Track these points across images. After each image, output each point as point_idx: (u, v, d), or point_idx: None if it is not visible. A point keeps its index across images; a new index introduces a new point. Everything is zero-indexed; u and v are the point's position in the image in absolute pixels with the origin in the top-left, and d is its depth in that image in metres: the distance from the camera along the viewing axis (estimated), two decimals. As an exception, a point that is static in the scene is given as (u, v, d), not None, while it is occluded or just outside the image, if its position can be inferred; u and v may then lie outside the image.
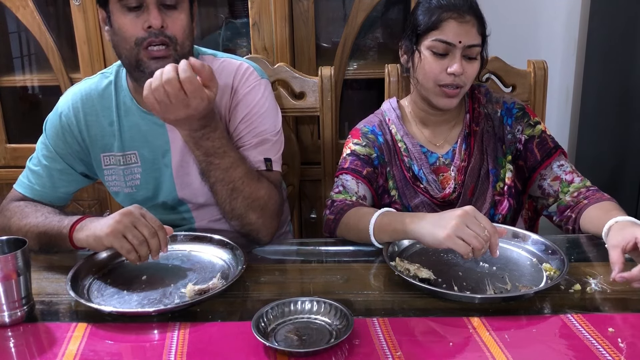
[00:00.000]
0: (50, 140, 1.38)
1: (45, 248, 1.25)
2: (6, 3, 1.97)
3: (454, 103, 1.37)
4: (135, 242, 1.10)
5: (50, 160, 1.38)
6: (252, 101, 1.34)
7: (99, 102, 1.37)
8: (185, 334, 0.98)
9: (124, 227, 1.10)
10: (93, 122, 1.37)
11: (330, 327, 0.97)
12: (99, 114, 1.37)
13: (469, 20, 1.31)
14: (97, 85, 1.39)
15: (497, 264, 1.18)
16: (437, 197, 1.41)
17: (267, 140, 1.34)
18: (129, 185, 1.40)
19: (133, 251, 1.11)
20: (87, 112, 1.37)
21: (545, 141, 1.41)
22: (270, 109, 1.37)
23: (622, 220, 1.15)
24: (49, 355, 0.93)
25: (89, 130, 1.38)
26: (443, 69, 1.32)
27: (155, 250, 1.12)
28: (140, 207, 1.15)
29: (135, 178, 1.40)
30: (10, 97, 2.20)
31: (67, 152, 1.38)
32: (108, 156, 1.39)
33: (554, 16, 2.35)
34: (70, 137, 1.38)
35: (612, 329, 0.96)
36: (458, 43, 1.31)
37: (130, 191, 1.41)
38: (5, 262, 0.99)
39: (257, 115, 1.34)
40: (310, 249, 1.31)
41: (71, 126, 1.37)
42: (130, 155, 1.38)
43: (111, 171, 1.41)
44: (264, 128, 1.34)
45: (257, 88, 1.36)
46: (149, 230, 1.11)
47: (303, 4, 1.95)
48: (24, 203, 1.35)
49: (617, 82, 2.12)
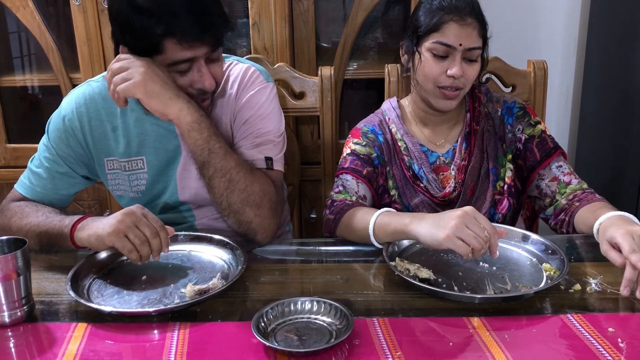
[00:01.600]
0: (53, 143, 1.37)
1: (45, 248, 1.25)
2: (6, 3, 1.97)
3: (453, 105, 1.37)
4: (136, 242, 1.10)
5: (52, 162, 1.37)
6: (256, 104, 1.35)
7: (103, 107, 1.36)
8: (185, 334, 0.98)
9: (125, 226, 1.10)
10: (97, 126, 1.37)
11: (330, 327, 0.97)
12: (103, 119, 1.36)
13: (470, 23, 1.31)
14: (100, 89, 1.37)
15: (497, 264, 1.18)
16: (437, 197, 1.41)
17: (269, 141, 1.35)
18: (134, 190, 1.40)
19: (134, 251, 1.11)
20: (91, 116, 1.36)
21: (545, 141, 1.42)
22: (274, 112, 1.38)
23: (604, 220, 1.17)
24: (49, 355, 0.93)
25: (93, 135, 1.37)
26: (443, 71, 1.32)
27: (156, 250, 1.12)
28: (142, 207, 1.15)
29: (141, 184, 1.39)
30: (10, 97, 2.20)
31: (70, 155, 1.37)
32: (111, 161, 1.39)
33: (554, 16, 2.35)
34: (73, 141, 1.37)
35: (612, 329, 0.96)
36: (458, 46, 1.31)
37: (135, 196, 1.40)
38: (5, 262, 0.99)
39: (261, 117, 1.35)
40: (310, 249, 1.31)
41: (75, 130, 1.36)
42: (136, 161, 1.38)
43: (115, 175, 1.40)
44: (267, 130, 1.35)
45: (262, 91, 1.37)
46: (150, 230, 1.11)
47: (303, 4, 1.95)
48: (24, 203, 1.35)
49: (617, 82, 2.12)
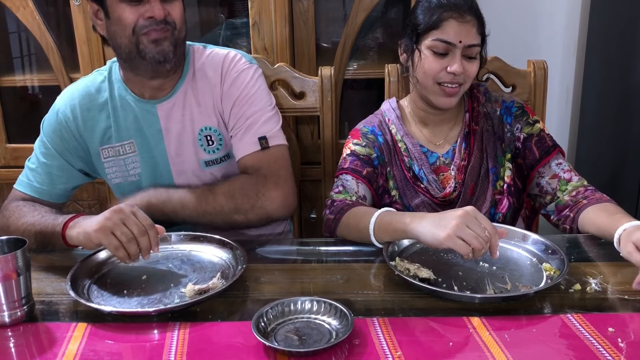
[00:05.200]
0: (47, 137, 1.40)
1: (41, 247, 1.26)
2: (6, 3, 1.97)
3: (453, 102, 1.37)
4: (123, 239, 1.09)
5: (48, 157, 1.40)
6: (240, 84, 1.38)
7: (95, 97, 1.41)
8: (185, 334, 0.97)
9: (113, 224, 1.10)
10: (90, 117, 1.40)
11: (330, 327, 0.97)
12: (96, 109, 1.41)
13: (470, 20, 1.31)
14: (92, 81, 1.43)
15: (497, 264, 1.18)
16: (437, 197, 1.41)
17: (259, 119, 1.38)
18: (131, 174, 1.43)
19: (121, 248, 1.10)
20: (84, 107, 1.40)
21: (544, 139, 1.42)
22: (260, 89, 1.40)
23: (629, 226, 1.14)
24: (49, 355, 0.93)
25: (86, 125, 1.40)
26: (443, 68, 1.33)
27: (145, 249, 1.11)
28: (132, 205, 1.15)
29: (137, 167, 1.42)
30: (10, 97, 2.20)
31: (65, 148, 1.40)
32: (107, 149, 1.42)
33: (554, 16, 2.35)
34: (67, 133, 1.40)
35: (612, 329, 0.96)
36: (458, 43, 1.31)
37: (135, 179, 1.43)
38: (5, 262, 0.99)
39: (247, 97, 1.38)
40: (310, 249, 1.31)
41: (68, 122, 1.40)
42: (127, 145, 1.41)
43: (111, 163, 1.43)
44: (256, 109, 1.38)
45: (245, 72, 1.40)
46: (138, 228, 1.10)
47: (303, 4, 1.95)
48: (22, 203, 1.36)
49: (617, 82, 2.12)
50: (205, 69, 1.40)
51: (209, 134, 1.41)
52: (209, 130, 1.40)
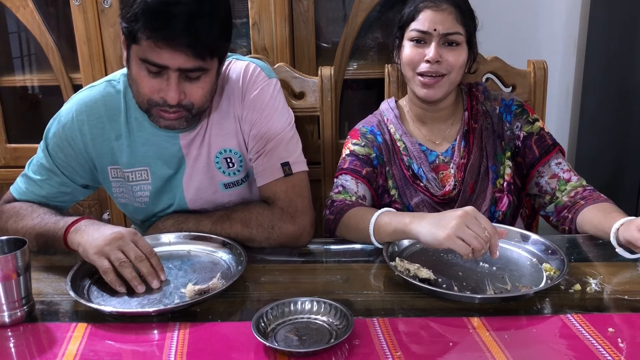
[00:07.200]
0: (51, 151, 1.33)
1: (43, 250, 1.25)
2: (6, 3, 1.97)
3: (436, 94, 1.37)
4: (116, 264, 1.10)
5: (50, 172, 1.34)
6: (261, 104, 1.32)
7: (105, 113, 1.32)
8: (185, 334, 0.98)
9: (110, 249, 1.10)
10: (99, 134, 1.32)
11: (330, 327, 0.97)
12: (106, 126, 1.32)
13: (445, 9, 1.34)
14: (102, 94, 1.33)
15: (497, 264, 1.18)
16: (437, 195, 1.41)
17: (282, 141, 1.32)
18: (138, 201, 1.38)
19: (111, 272, 1.09)
20: (92, 124, 1.32)
21: (544, 138, 1.42)
22: (280, 108, 1.34)
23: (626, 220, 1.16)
24: (49, 355, 0.93)
25: (95, 143, 1.33)
26: (421, 57, 1.35)
27: (147, 273, 1.11)
28: (136, 232, 1.14)
29: (144, 195, 1.36)
30: (10, 97, 2.19)
31: (69, 164, 1.34)
32: (115, 169, 1.36)
33: (554, 16, 2.35)
34: (72, 151, 1.33)
35: (612, 329, 0.96)
36: (433, 31, 1.34)
37: (140, 206, 1.39)
38: (5, 262, 0.99)
39: (268, 117, 1.32)
40: (310, 249, 1.31)
41: (75, 139, 1.32)
42: (140, 172, 1.34)
43: (119, 184, 1.37)
44: (276, 130, 1.32)
45: (265, 89, 1.33)
46: (135, 254, 1.11)
47: (303, 4, 1.95)
48: (19, 204, 1.32)
49: (617, 82, 2.12)
50: (224, 86, 1.33)
51: (228, 156, 1.34)
52: (229, 153, 1.34)
